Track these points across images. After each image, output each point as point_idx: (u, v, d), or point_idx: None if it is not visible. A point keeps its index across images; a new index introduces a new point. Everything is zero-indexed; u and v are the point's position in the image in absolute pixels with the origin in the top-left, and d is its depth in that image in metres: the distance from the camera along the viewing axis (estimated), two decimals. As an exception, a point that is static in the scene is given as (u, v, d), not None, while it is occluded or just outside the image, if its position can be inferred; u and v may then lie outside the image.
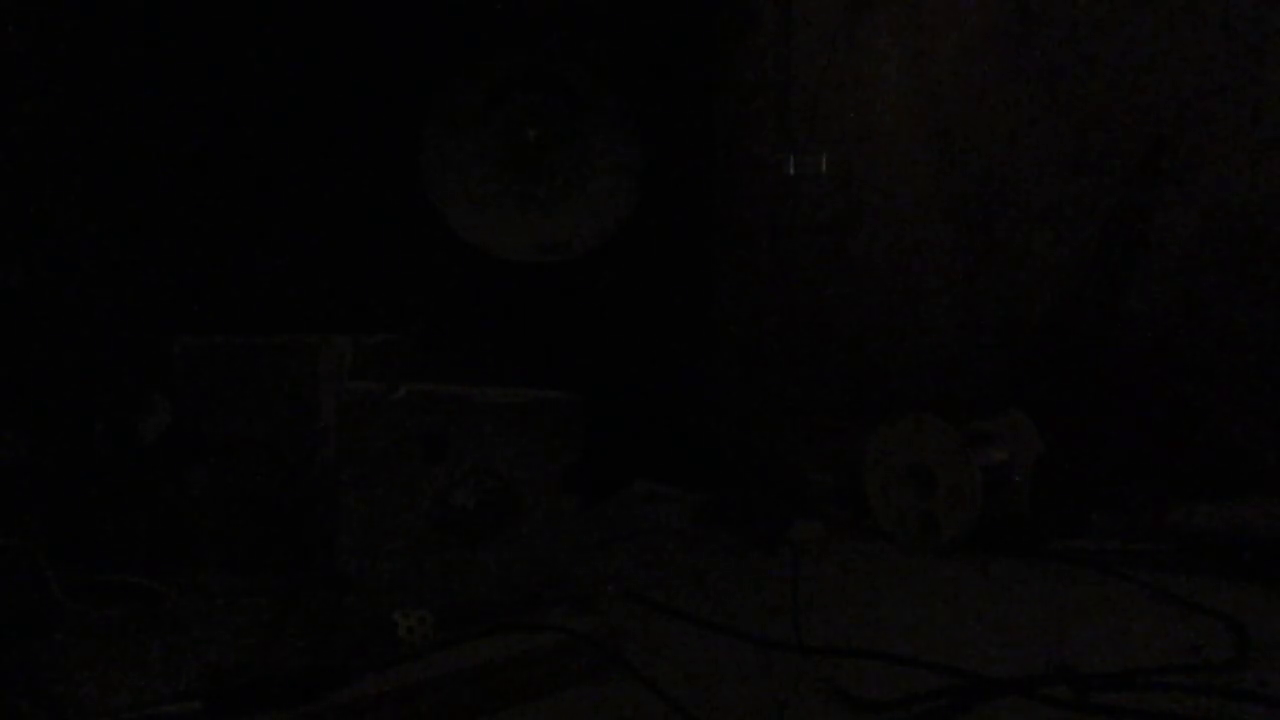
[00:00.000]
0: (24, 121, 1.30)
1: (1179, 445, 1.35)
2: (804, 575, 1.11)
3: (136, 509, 1.10)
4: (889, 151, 1.60)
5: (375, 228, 1.48)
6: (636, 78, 1.57)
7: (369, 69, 1.47)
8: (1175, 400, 1.36)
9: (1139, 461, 1.35)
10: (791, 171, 1.63)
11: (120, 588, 1.00)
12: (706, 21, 1.68)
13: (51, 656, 0.87)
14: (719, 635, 0.94)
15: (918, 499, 1.29)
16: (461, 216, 1.53)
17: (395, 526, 0.91)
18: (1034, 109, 1.47)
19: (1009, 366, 1.49)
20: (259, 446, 1.11)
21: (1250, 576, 1.13)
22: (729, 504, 1.38)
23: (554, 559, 0.97)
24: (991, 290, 1.51)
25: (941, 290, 1.55)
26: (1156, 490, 1.29)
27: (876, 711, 0.79)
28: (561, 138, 1.55)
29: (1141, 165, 1.38)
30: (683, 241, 1.65)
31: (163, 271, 1.36)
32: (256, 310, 1.33)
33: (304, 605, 0.95)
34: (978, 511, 1.24)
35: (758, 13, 1.68)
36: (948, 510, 1.26)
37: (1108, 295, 1.41)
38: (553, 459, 0.97)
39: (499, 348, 1.44)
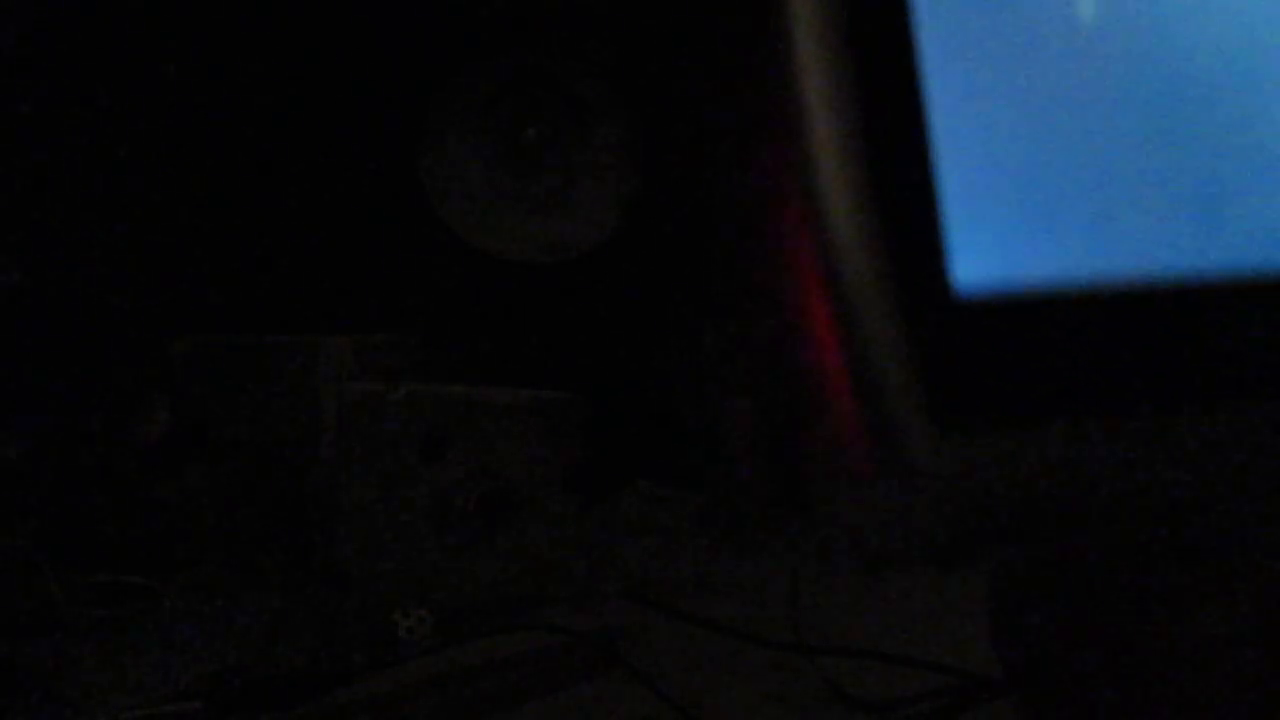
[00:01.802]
0: (24, 121, 1.30)
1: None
2: (804, 575, 1.11)
3: (136, 509, 1.10)
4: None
5: (375, 228, 1.48)
6: (636, 78, 1.57)
7: (368, 69, 1.47)
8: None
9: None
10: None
11: (120, 588, 1.00)
12: (707, 21, 1.68)
13: (51, 656, 0.87)
14: (719, 635, 0.94)
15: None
16: (461, 216, 1.53)
17: (395, 526, 0.91)
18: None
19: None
20: (259, 446, 1.11)
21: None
22: (729, 504, 1.37)
23: (554, 559, 0.97)
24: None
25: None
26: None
27: (876, 711, 0.79)
28: (561, 138, 1.55)
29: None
30: (683, 241, 1.65)
31: (162, 271, 1.36)
32: (256, 310, 1.33)
33: (304, 605, 0.95)
34: (977, 511, 1.24)
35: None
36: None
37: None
38: (553, 459, 0.97)
39: (499, 348, 1.44)
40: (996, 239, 0.57)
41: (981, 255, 0.57)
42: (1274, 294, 0.68)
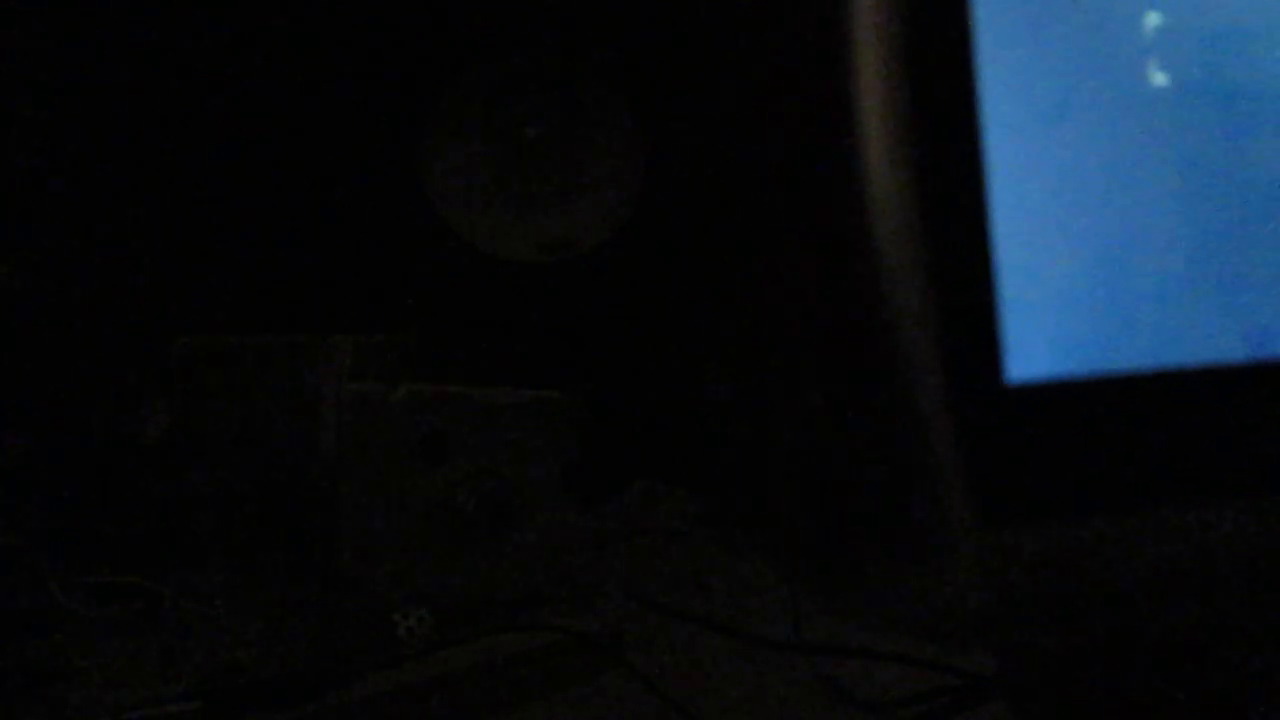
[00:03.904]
0: (23, 121, 1.30)
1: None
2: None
3: (136, 509, 1.10)
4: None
5: (375, 228, 1.48)
6: (636, 78, 1.57)
7: (369, 69, 1.47)
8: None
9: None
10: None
11: (120, 588, 1.00)
12: (708, 21, 1.68)
13: (51, 656, 0.87)
14: (719, 635, 0.94)
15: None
16: (462, 216, 1.53)
17: (395, 526, 0.91)
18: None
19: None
20: (259, 446, 1.11)
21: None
22: (729, 503, 1.37)
23: (554, 559, 0.97)
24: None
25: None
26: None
27: (876, 711, 0.79)
28: (561, 138, 1.55)
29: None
30: (683, 240, 1.65)
31: (163, 271, 1.36)
32: (256, 310, 1.33)
33: (304, 605, 0.95)
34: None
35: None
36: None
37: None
38: (553, 459, 0.97)
39: (499, 348, 1.44)
40: (1054, 328, 0.55)
41: (1036, 346, 0.55)
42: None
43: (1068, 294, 0.56)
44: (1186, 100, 0.56)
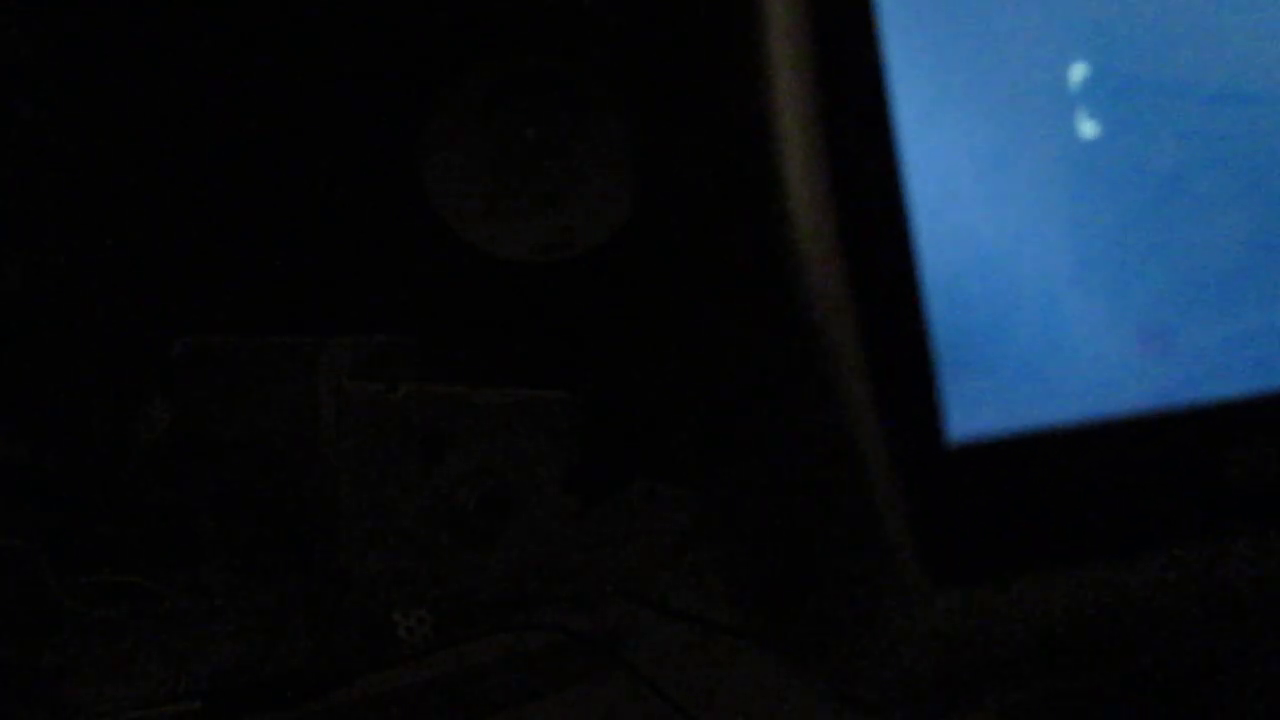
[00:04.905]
0: (23, 122, 1.30)
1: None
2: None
3: (136, 509, 1.10)
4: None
5: (375, 227, 1.48)
6: (636, 78, 1.57)
7: (368, 69, 1.47)
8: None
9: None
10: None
11: (120, 588, 1.00)
12: (708, 21, 1.68)
13: (51, 656, 0.87)
14: (719, 635, 0.94)
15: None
16: (461, 216, 1.53)
17: (395, 527, 0.91)
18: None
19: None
20: (259, 446, 1.11)
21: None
22: (728, 503, 1.37)
23: (554, 559, 0.97)
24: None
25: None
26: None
27: (877, 712, 0.79)
28: (561, 138, 1.55)
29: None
30: (683, 240, 1.65)
31: (162, 271, 1.36)
32: (256, 310, 1.33)
33: (304, 605, 0.95)
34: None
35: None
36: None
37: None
38: (553, 459, 0.97)
39: (499, 348, 1.44)
40: (991, 383, 0.55)
41: (974, 401, 0.54)
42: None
43: (1004, 351, 0.55)
44: (1117, 155, 0.56)
